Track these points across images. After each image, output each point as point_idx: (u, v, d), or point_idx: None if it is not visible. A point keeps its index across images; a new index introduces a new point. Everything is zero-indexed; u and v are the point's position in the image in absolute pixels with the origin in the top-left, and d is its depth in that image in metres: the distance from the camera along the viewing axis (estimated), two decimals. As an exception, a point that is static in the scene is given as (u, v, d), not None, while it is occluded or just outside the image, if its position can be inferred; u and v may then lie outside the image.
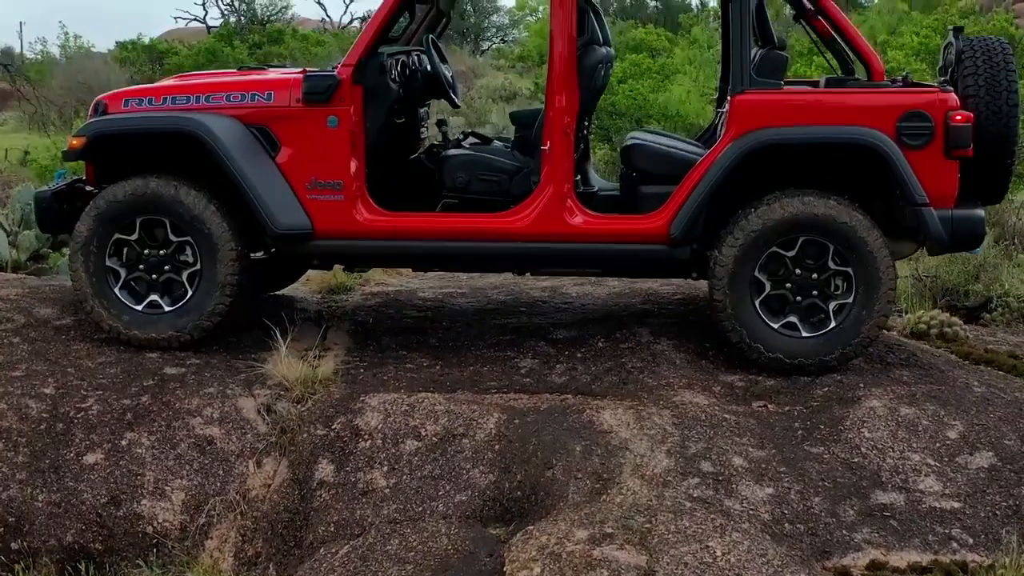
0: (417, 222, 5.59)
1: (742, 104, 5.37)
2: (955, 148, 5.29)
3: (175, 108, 5.62)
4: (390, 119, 5.84)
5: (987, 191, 5.72)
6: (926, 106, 5.31)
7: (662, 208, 5.45)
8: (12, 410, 5.10)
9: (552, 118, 5.48)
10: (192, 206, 5.51)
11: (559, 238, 5.51)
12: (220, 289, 5.56)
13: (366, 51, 5.56)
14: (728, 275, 5.35)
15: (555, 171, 5.48)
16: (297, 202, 5.55)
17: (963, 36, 5.79)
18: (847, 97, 5.42)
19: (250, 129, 5.56)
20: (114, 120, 5.63)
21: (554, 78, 5.48)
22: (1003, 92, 5.53)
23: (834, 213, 5.30)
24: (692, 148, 6.07)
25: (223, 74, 6.07)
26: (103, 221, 5.57)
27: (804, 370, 5.38)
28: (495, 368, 5.53)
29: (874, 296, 5.33)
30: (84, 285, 5.61)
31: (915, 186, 5.25)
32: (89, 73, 25.43)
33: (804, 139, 5.32)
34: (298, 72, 5.71)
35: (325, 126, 5.53)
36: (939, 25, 15.95)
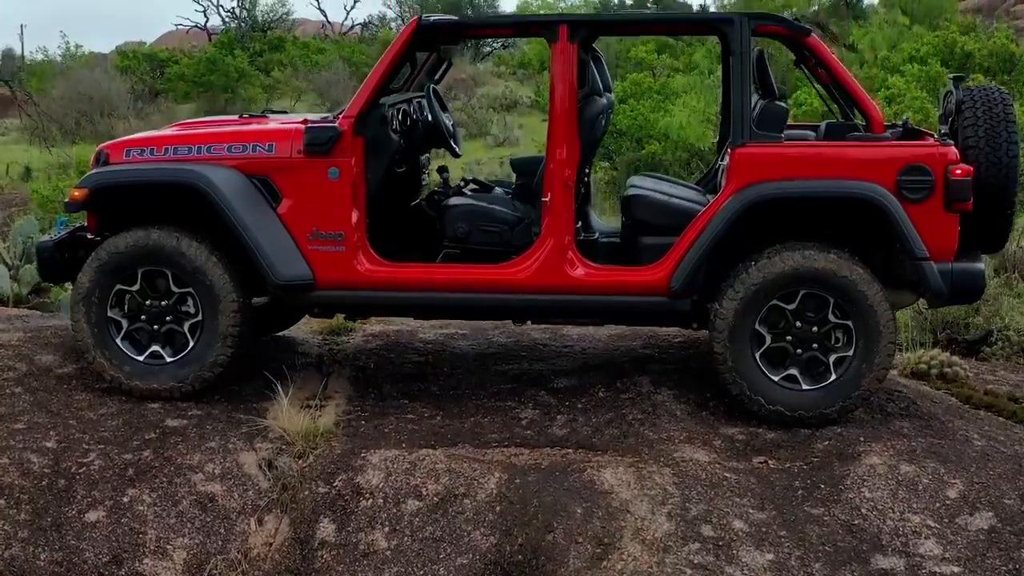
0: (418, 273, 5.60)
1: (743, 157, 5.38)
2: (955, 202, 5.30)
3: (177, 159, 5.64)
4: (391, 169, 5.85)
5: (987, 241, 5.73)
6: (926, 160, 5.31)
7: (663, 260, 5.46)
8: (14, 465, 5.12)
9: (553, 170, 5.50)
10: (194, 258, 5.53)
11: (560, 290, 5.52)
12: (222, 340, 5.57)
13: (367, 102, 5.58)
14: (728, 328, 5.36)
15: (556, 223, 5.49)
16: (298, 253, 5.56)
17: (963, 86, 5.80)
18: (847, 150, 5.42)
19: (251, 180, 5.58)
20: (116, 172, 5.64)
21: (555, 131, 5.49)
22: (1003, 144, 5.54)
23: (834, 267, 5.31)
24: (692, 196, 6.09)
25: (225, 122, 6.08)
26: (105, 272, 5.58)
27: (804, 423, 5.39)
28: (496, 419, 5.54)
29: (874, 349, 5.34)
30: (86, 336, 5.62)
31: (915, 240, 5.26)
32: (90, 83, 25.40)
33: (804, 193, 5.33)
34: (299, 122, 5.72)
35: (326, 177, 5.54)
36: (939, 43, 15.95)
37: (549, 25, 5.53)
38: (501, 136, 24.02)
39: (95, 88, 25.43)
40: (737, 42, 5.43)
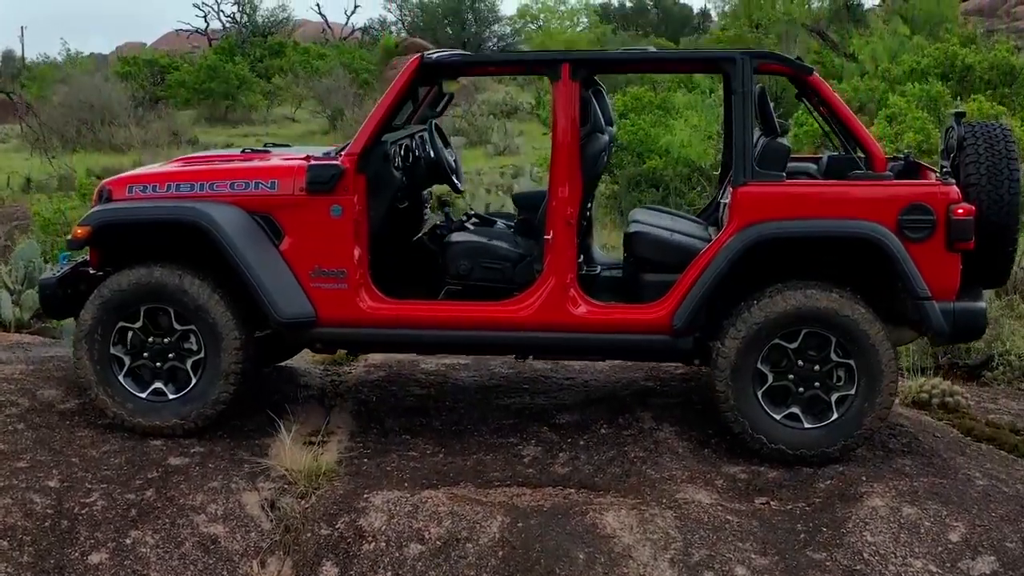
0: (420, 310, 5.61)
1: (744, 197, 5.38)
2: (957, 241, 5.30)
3: (179, 196, 5.64)
4: (393, 205, 5.86)
5: (988, 277, 5.74)
6: (928, 199, 5.32)
7: (665, 298, 5.46)
8: (17, 505, 5.12)
9: (555, 208, 5.50)
10: (196, 295, 5.53)
11: (562, 328, 5.53)
12: (224, 378, 5.58)
13: (370, 140, 5.59)
14: (730, 367, 5.37)
15: (558, 261, 5.50)
16: (301, 290, 5.57)
17: (965, 122, 5.80)
18: (849, 189, 5.42)
19: (254, 217, 5.59)
20: (118, 210, 5.65)
21: (557, 169, 5.50)
22: (1004, 181, 5.55)
23: (836, 306, 5.31)
24: (694, 231, 6.09)
25: (227, 158, 6.07)
26: (107, 310, 5.59)
27: (806, 461, 5.39)
28: (498, 456, 5.55)
29: (876, 388, 5.34)
30: (88, 373, 5.63)
31: (917, 280, 5.26)
32: (91, 91, 25.39)
33: (806, 233, 5.34)
34: (302, 158, 5.72)
35: (328, 215, 5.55)
36: (940, 55, 15.95)
37: (551, 63, 5.54)
38: (501, 144, 24.01)
39: (96, 95, 25.42)
40: (739, 81, 5.43)
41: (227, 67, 28.86)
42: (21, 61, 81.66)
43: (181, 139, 25.14)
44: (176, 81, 29.23)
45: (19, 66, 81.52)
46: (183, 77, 29.00)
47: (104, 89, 25.74)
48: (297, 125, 29.31)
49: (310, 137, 27.35)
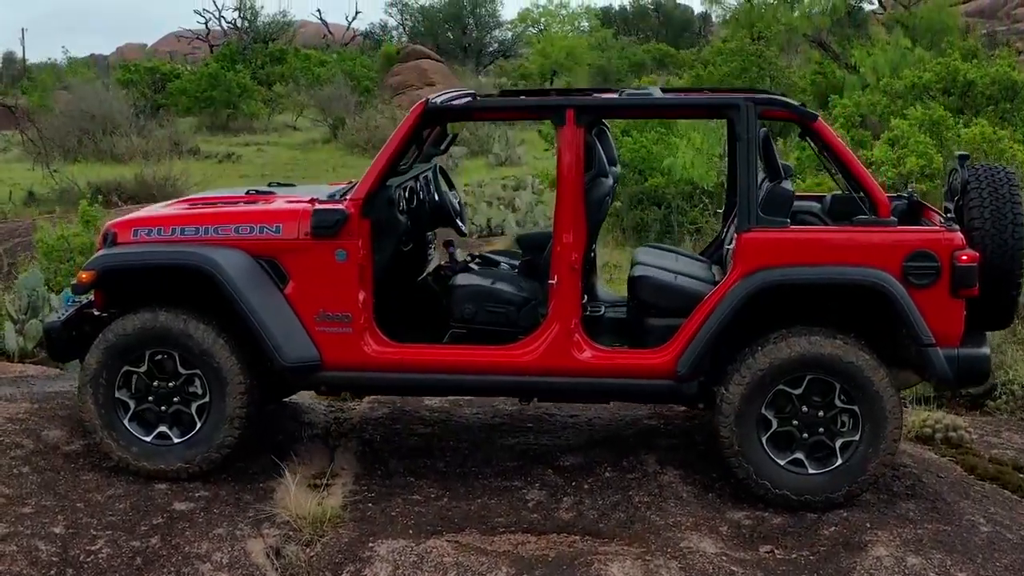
0: (425, 355, 5.61)
1: (749, 243, 5.39)
2: (961, 288, 5.31)
3: (184, 239, 5.65)
4: (398, 248, 5.86)
5: (991, 320, 5.75)
6: (932, 245, 5.33)
7: (669, 344, 5.47)
8: (22, 553, 5.11)
9: (560, 253, 5.51)
10: (201, 340, 5.54)
11: (566, 373, 5.54)
12: (229, 422, 5.59)
13: (375, 185, 5.59)
14: (735, 413, 5.38)
15: (562, 306, 5.50)
16: (306, 334, 5.58)
17: (968, 165, 5.81)
18: (853, 236, 5.42)
19: (259, 261, 5.60)
20: (123, 254, 5.65)
21: (561, 215, 5.51)
22: (1008, 226, 5.56)
23: (840, 353, 5.32)
24: (698, 272, 6.10)
25: (232, 199, 6.08)
26: (112, 355, 5.59)
27: (811, 507, 5.40)
28: (502, 501, 5.55)
29: (881, 434, 5.35)
30: (93, 417, 5.64)
31: (921, 327, 5.27)
32: (92, 101, 25.39)
33: (810, 280, 5.34)
34: (307, 201, 5.73)
35: (333, 259, 5.56)
36: (942, 70, 15.93)
37: (556, 109, 5.54)
38: (503, 155, 24.03)
39: (97, 105, 25.41)
40: (743, 127, 5.44)
41: (228, 75, 28.85)
42: (22, 63, 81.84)
43: (182, 148, 25.18)
44: (177, 89, 29.25)
45: (20, 68, 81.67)
46: (184, 85, 29.01)
47: (105, 99, 25.72)
48: (298, 133, 29.33)
49: (311, 146, 27.40)
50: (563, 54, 38.03)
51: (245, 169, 23.71)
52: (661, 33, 56.19)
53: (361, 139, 25.77)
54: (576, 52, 38.00)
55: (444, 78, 34.93)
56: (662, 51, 45.51)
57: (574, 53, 37.94)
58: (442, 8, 49.27)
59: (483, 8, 49.06)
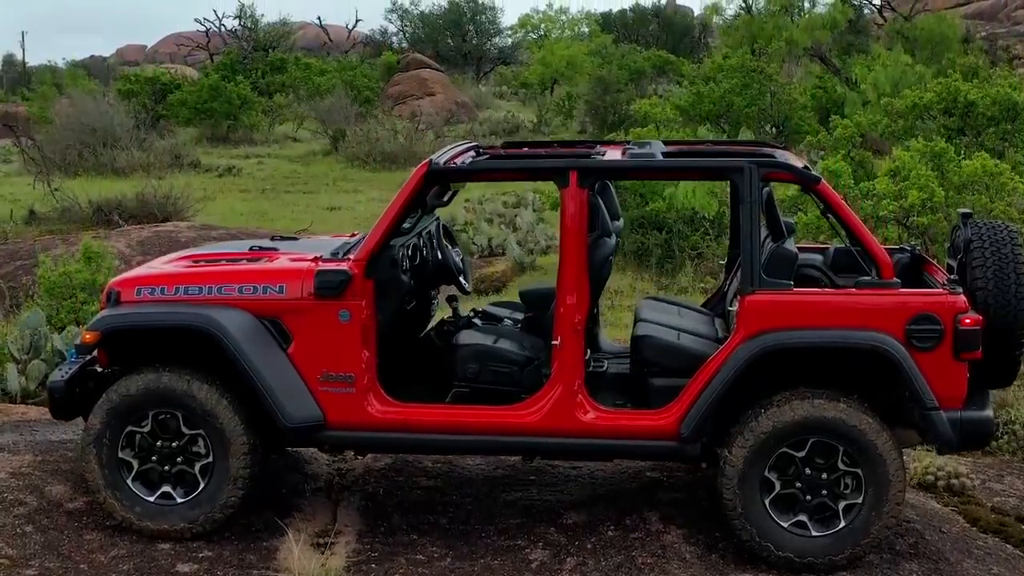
0: (428, 414, 5.62)
1: (752, 306, 5.39)
2: (964, 351, 5.31)
3: (187, 299, 5.65)
4: (401, 307, 5.87)
5: (995, 379, 5.75)
6: (935, 309, 5.33)
7: (672, 405, 5.47)
8: (26, 618, 5.13)
9: (563, 315, 5.52)
10: (205, 401, 5.55)
11: (570, 433, 5.54)
12: (232, 482, 5.59)
13: (378, 246, 5.60)
14: (738, 475, 5.38)
15: (566, 368, 5.51)
16: (309, 394, 5.59)
17: (972, 222, 5.82)
18: (856, 299, 5.42)
19: (262, 321, 5.60)
20: (126, 315, 5.66)
21: (565, 276, 5.51)
22: (1011, 286, 5.57)
23: (844, 416, 5.33)
24: (701, 327, 6.11)
25: (235, 256, 6.08)
26: (116, 415, 5.60)
27: (814, 569, 5.41)
28: (506, 561, 5.55)
29: (884, 497, 5.36)
30: (97, 477, 5.64)
31: (924, 390, 5.27)
32: (93, 115, 25.38)
33: (813, 344, 5.35)
34: (311, 260, 5.73)
35: (337, 320, 5.57)
36: (942, 90, 15.94)
37: (559, 171, 5.55)
38: (503, 169, 23.97)
39: (97, 118, 25.40)
40: (747, 190, 5.44)
41: (229, 87, 28.84)
42: (22, 65, 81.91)
43: (183, 161, 25.18)
44: (177, 101, 29.24)
45: (20, 70, 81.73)
46: (184, 97, 29.01)
47: (106, 111, 25.70)
48: (299, 145, 29.33)
49: (311, 158, 27.39)
50: (563, 63, 38.05)
51: (245, 183, 23.73)
52: (661, 38, 56.19)
53: (361, 152, 25.77)
54: (576, 61, 38.01)
55: (444, 88, 34.99)
56: (662, 58, 45.51)
57: (574, 62, 37.95)
58: (442, 15, 49.26)
59: (483, 15, 49.10)
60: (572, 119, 32.49)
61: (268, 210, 20.18)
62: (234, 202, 21.03)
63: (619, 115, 30.48)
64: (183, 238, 15.12)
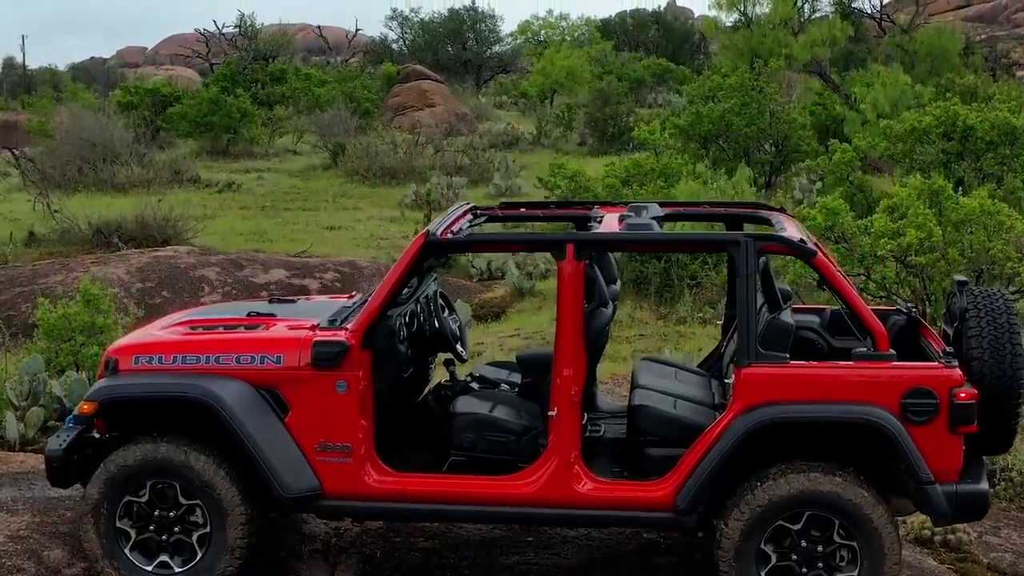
0: (425, 484, 5.64)
1: (748, 379, 5.41)
2: (960, 425, 5.33)
3: (185, 369, 5.67)
4: (398, 376, 5.89)
5: (991, 446, 5.77)
6: (931, 383, 5.35)
7: (668, 476, 5.49)
8: None
9: (560, 386, 5.53)
10: (202, 472, 5.57)
11: (566, 504, 5.56)
12: (230, 552, 5.61)
13: (375, 316, 5.61)
14: (734, 548, 5.40)
15: (562, 439, 5.53)
16: (306, 464, 5.61)
17: (967, 290, 5.83)
18: (852, 372, 5.44)
19: (260, 391, 5.62)
20: (124, 385, 5.68)
21: (562, 349, 5.53)
22: (1007, 356, 5.58)
23: (839, 490, 5.34)
24: (698, 392, 6.13)
25: (233, 322, 6.09)
26: (113, 485, 5.62)
27: (809, 641, 5.42)
28: (503, 633, 5.57)
29: (879, 570, 5.38)
30: (95, 546, 5.66)
31: (919, 464, 5.30)
32: (93, 130, 25.39)
33: (809, 418, 5.37)
34: (308, 328, 5.75)
35: (334, 390, 5.59)
36: (941, 114, 15.98)
37: (557, 243, 5.57)
38: (503, 185, 24.00)
39: (97, 133, 25.42)
40: (743, 263, 5.46)
41: (228, 101, 28.85)
42: (22, 68, 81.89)
43: (183, 177, 25.19)
44: (177, 114, 29.25)
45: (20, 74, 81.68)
46: (184, 110, 29.01)
47: (105, 128, 25.71)
48: (299, 159, 29.32)
49: (311, 173, 27.37)
50: (563, 73, 38.06)
51: (245, 199, 23.73)
52: (661, 45, 56.22)
53: (361, 167, 25.77)
54: (576, 71, 38.03)
55: (444, 99, 34.99)
56: (662, 67, 45.59)
57: (574, 72, 37.96)
58: (442, 23, 49.27)
59: (483, 23, 49.10)
60: (572, 131, 32.49)
61: (268, 229, 20.18)
62: (234, 220, 21.03)
63: (619, 127, 30.56)
64: (182, 264, 15.17)
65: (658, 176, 14.20)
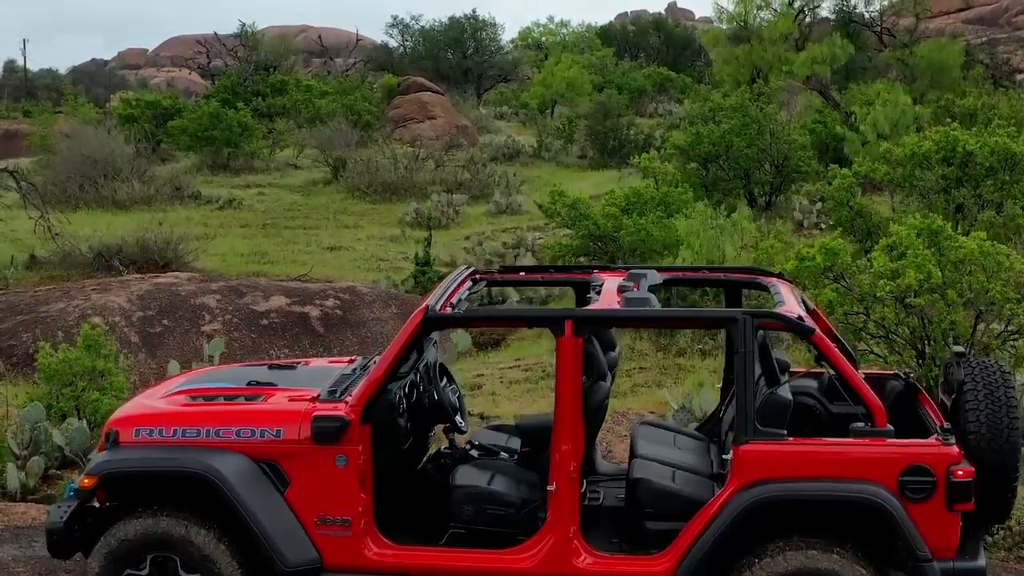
0: (424, 557, 5.66)
1: (746, 456, 5.43)
2: (957, 502, 5.35)
3: (185, 442, 5.69)
4: (398, 448, 5.91)
5: (988, 516, 5.79)
6: (928, 460, 5.36)
7: (667, 551, 5.50)
8: None
9: (558, 461, 5.55)
10: (203, 546, 5.58)
11: (565, 578, 5.58)
12: (230, 625, 5.63)
13: (375, 391, 5.63)
14: (732, 624, 5.42)
15: (561, 513, 5.54)
16: (306, 537, 5.63)
17: (965, 362, 5.85)
18: (849, 449, 5.45)
19: (260, 464, 5.64)
20: (124, 460, 5.69)
21: (560, 425, 5.54)
22: (1004, 431, 5.60)
23: (837, 568, 5.36)
24: (697, 461, 6.15)
25: (233, 391, 6.10)
26: (114, 559, 5.64)
27: None
28: None
29: (880, 647, 5.39)
30: None
31: (917, 542, 5.31)
32: (94, 146, 25.44)
33: (807, 496, 5.39)
34: (308, 401, 5.77)
35: (334, 465, 5.61)
36: (942, 140, 16.00)
37: (555, 320, 5.59)
38: (504, 203, 24.05)
39: (98, 149, 25.46)
40: (741, 340, 5.48)
41: (229, 115, 28.89)
42: (24, 72, 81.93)
43: (184, 193, 25.23)
44: (178, 128, 29.29)
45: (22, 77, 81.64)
46: (185, 124, 29.05)
47: (106, 144, 25.76)
48: (299, 173, 29.36)
49: (312, 188, 27.40)
50: (564, 84, 38.09)
51: (246, 216, 23.79)
52: (662, 51, 56.26)
53: (362, 182, 25.81)
54: (577, 83, 38.06)
55: (445, 111, 35.00)
56: (662, 75, 45.64)
57: (575, 84, 37.99)
58: (443, 31, 49.28)
59: (484, 32, 49.12)
60: (572, 143, 32.53)
61: (269, 250, 20.23)
62: (235, 240, 21.08)
63: (619, 140, 30.61)
64: (183, 291, 15.16)
65: (658, 205, 14.21)
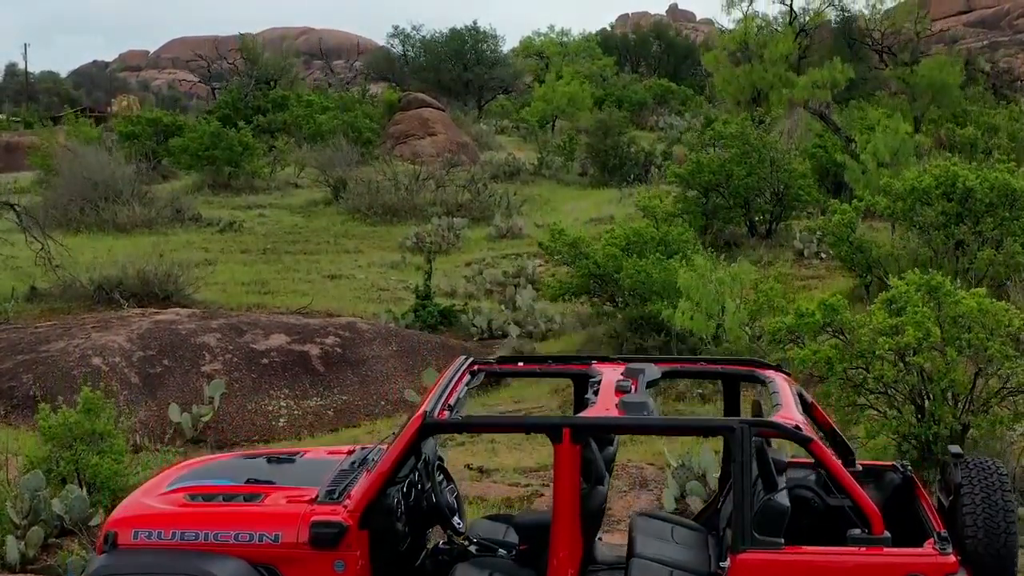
0: (422, 660, 5.68)
1: (743, 565, 5.43)
2: (954, 614, 5.36)
3: (183, 546, 5.70)
4: (395, 551, 5.91)
5: (985, 620, 5.80)
6: (925, 570, 5.37)
7: (665, 650, 5.53)
8: None
9: (556, 567, 5.57)
10: (201, 649, 5.59)
11: None
12: None
13: (373, 496, 5.64)
14: None
15: (559, 621, 5.56)
16: (305, 641, 5.64)
17: (963, 463, 5.86)
18: (847, 559, 5.46)
19: (258, 568, 5.65)
20: (123, 565, 5.70)
21: (559, 531, 5.55)
22: (1001, 535, 5.61)
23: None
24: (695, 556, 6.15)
25: (230, 490, 6.11)
26: (113, 657, 5.65)
27: None
28: None
29: None
30: None
31: (916, 649, 5.32)
32: (95, 167, 25.46)
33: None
34: (307, 501, 5.77)
35: (332, 569, 5.62)
36: (943, 175, 16.01)
37: (553, 428, 5.59)
38: (504, 227, 24.05)
39: (98, 171, 25.48)
40: (739, 449, 5.49)
41: (230, 134, 28.91)
42: (24, 75, 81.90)
43: (184, 216, 25.24)
44: (179, 147, 29.31)
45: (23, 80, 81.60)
46: (186, 143, 29.07)
47: (107, 166, 25.79)
48: (300, 193, 29.35)
49: (313, 208, 27.39)
50: (564, 99, 38.10)
51: (247, 240, 23.77)
52: (663, 60, 56.26)
53: (363, 204, 25.81)
54: (577, 98, 38.06)
55: (446, 127, 35.00)
56: (663, 87, 45.64)
57: (575, 99, 38.00)
58: (444, 42, 49.26)
59: (484, 43, 49.11)
60: (573, 160, 32.54)
61: (269, 279, 20.21)
62: (235, 267, 21.07)
63: (620, 158, 30.61)
64: (183, 330, 15.17)
65: (658, 245, 14.22)
